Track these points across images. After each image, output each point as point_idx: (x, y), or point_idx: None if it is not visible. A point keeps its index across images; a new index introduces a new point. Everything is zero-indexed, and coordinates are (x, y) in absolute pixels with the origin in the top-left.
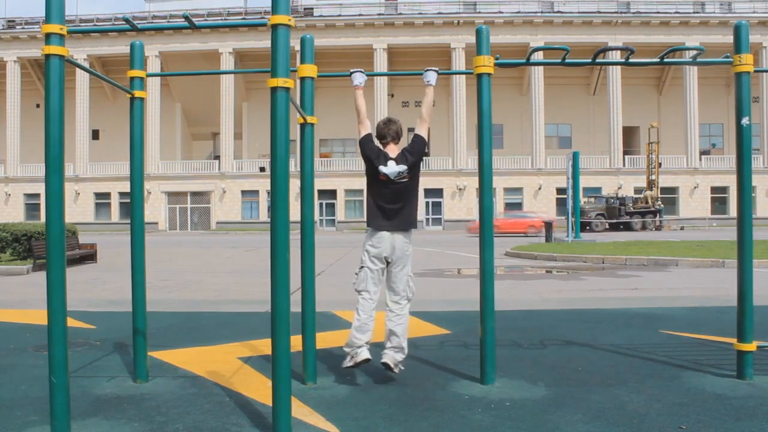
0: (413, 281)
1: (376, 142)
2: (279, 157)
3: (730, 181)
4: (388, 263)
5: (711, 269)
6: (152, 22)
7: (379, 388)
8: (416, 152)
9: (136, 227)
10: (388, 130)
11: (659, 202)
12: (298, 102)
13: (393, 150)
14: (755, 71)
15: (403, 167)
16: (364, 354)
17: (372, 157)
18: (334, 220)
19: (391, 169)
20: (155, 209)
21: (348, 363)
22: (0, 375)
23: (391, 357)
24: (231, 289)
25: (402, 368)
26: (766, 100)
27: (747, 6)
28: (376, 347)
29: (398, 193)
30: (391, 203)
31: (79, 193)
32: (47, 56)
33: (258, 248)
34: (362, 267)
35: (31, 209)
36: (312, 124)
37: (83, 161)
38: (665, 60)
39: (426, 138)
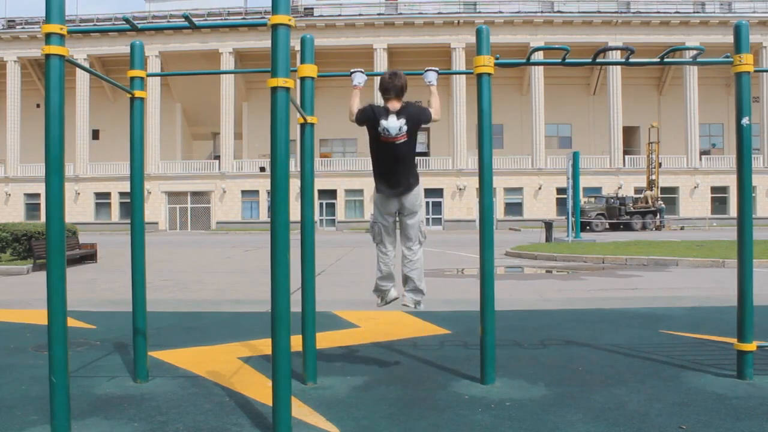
0: (425, 226)
1: (379, 102)
2: (279, 157)
3: (730, 181)
4: (400, 213)
5: (711, 269)
6: (152, 22)
7: (379, 388)
8: (419, 110)
9: (136, 227)
10: (392, 84)
11: (661, 202)
12: (298, 102)
13: (394, 103)
14: (755, 71)
15: (402, 121)
16: (393, 294)
17: (370, 116)
18: (334, 220)
19: (391, 123)
20: (155, 209)
21: (380, 303)
22: (0, 375)
23: (409, 299)
24: (231, 289)
25: (422, 306)
26: (766, 100)
27: (747, 6)
28: (382, 347)
29: (400, 155)
30: (394, 166)
31: (79, 193)
32: (47, 56)
33: (258, 248)
34: (375, 222)
35: (31, 209)
36: (312, 124)
37: (83, 161)
38: (665, 60)
39: (432, 116)
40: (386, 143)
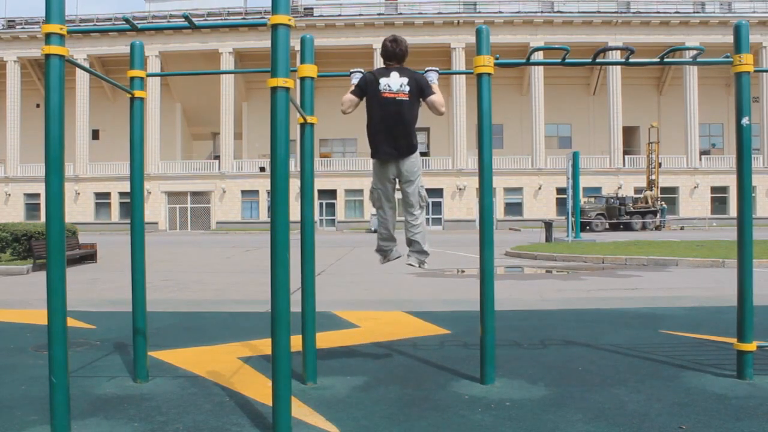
0: (424, 191)
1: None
2: (279, 157)
3: (730, 181)
4: (399, 180)
5: (711, 269)
6: (152, 22)
7: (379, 388)
8: (422, 81)
9: (136, 227)
10: (394, 50)
11: (661, 202)
12: (298, 102)
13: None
14: (755, 71)
15: (405, 79)
16: (395, 253)
17: (370, 79)
18: (334, 220)
19: (393, 79)
20: (155, 209)
21: (382, 261)
22: (0, 375)
23: (414, 258)
24: (231, 289)
25: (427, 265)
26: (766, 100)
27: (747, 6)
28: (382, 347)
29: (400, 113)
30: (394, 125)
31: (79, 193)
32: (47, 56)
33: (258, 248)
34: (374, 188)
35: (31, 209)
36: (312, 124)
37: (83, 161)
38: (665, 60)
39: (434, 100)
40: (387, 99)
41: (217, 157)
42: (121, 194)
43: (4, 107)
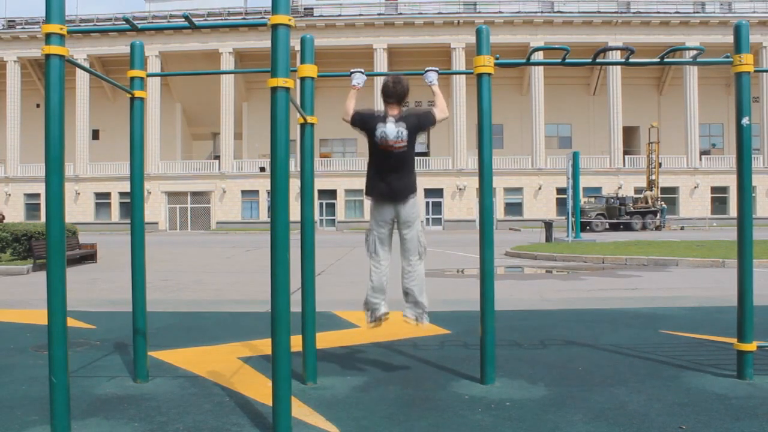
0: (424, 236)
1: (379, 105)
2: (279, 157)
3: (730, 181)
4: (397, 224)
5: (711, 269)
6: (152, 22)
7: (379, 388)
8: (420, 116)
9: (136, 227)
10: (394, 90)
11: (662, 202)
12: (298, 102)
13: (394, 110)
14: (755, 71)
15: (401, 127)
16: (382, 309)
17: (368, 120)
18: (334, 220)
19: (389, 128)
20: (155, 209)
21: (369, 320)
22: (0, 375)
23: (411, 312)
24: (231, 289)
25: (427, 320)
26: (766, 100)
27: (747, 6)
28: (382, 347)
29: (398, 162)
30: (392, 174)
31: (79, 193)
32: (47, 56)
33: (258, 248)
34: (370, 231)
35: (31, 209)
36: (312, 124)
37: (83, 161)
38: (665, 60)
39: (436, 119)
40: (384, 150)
41: (217, 157)
42: (121, 194)
43: (4, 107)
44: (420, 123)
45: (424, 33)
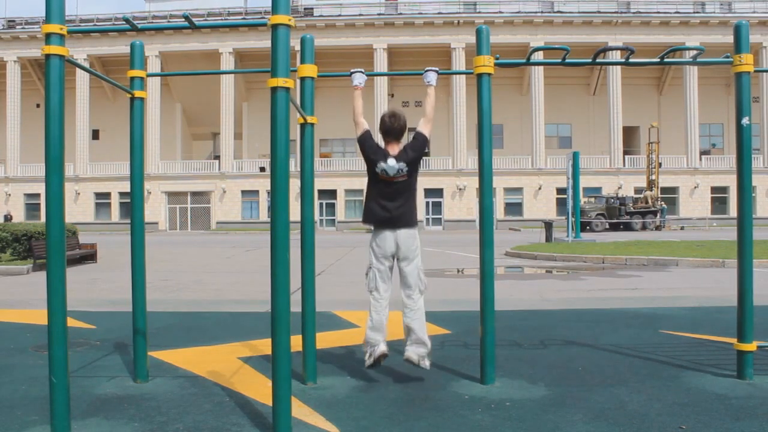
0: (424, 273)
1: (378, 137)
2: (279, 157)
3: (730, 181)
4: (397, 259)
5: (711, 269)
6: (152, 22)
7: (379, 388)
8: (417, 149)
9: (136, 227)
10: (392, 126)
11: (661, 202)
12: (298, 102)
13: (394, 147)
14: (755, 71)
15: (402, 164)
16: (381, 348)
17: (371, 154)
18: (334, 220)
19: (390, 165)
20: (155, 209)
21: (368, 361)
22: (0, 375)
23: (413, 351)
24: (231, 289)
25: (428, 362)
26: (766, 100)
27: (747, 6)
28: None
29: (398, 191)
30: (391, 202)
31: (79, 193)
32: (47, 56)
33: (258, 248)
34: (370, 267)
35: (31, 209)
36: (312, 124)
37: (83, 161)
38: (665, 60)
39: (428, 136)
40: (384, 181)
41: (217, 157)
42: (121, 194)
43: (4, 107)
44: (419, 154)
45: (424, 33)
